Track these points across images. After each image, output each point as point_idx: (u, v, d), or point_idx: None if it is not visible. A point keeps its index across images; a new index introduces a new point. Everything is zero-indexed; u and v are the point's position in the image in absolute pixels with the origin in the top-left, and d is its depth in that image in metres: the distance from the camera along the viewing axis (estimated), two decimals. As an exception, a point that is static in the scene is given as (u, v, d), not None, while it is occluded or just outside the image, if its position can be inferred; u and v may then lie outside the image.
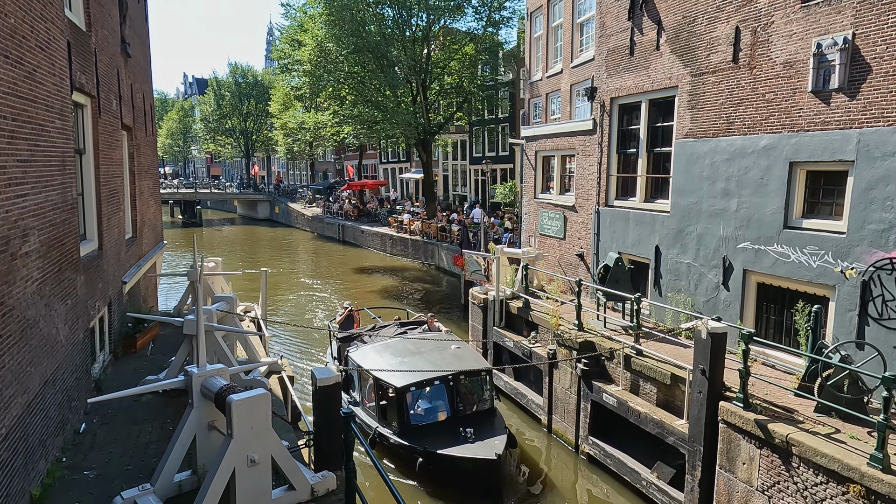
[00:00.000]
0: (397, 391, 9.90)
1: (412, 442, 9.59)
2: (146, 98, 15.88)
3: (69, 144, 7.74)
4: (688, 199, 10.83)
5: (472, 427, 9.71)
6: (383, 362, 10.58)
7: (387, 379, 10.04)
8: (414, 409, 10.13)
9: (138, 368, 9.93)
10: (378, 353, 11.10)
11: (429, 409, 10.26)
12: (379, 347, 11.39)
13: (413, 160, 43.50)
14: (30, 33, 6.18)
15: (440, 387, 10.21)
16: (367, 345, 11.70)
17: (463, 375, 10.35)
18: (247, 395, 5.59)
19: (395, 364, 10.38)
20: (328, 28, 27.66)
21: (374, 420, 10.49)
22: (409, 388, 9.92)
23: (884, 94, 7.65)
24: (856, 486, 6.21)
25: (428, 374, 10.06)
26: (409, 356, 10.73)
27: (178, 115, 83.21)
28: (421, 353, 10.87)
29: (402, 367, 10.21)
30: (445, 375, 10.16)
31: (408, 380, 9.87)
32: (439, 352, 11.03)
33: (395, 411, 10.06)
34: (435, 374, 10.10)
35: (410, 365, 10.30)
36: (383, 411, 10.38)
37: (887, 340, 7.71)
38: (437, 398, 10.29)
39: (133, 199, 13.23)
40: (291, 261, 34.04)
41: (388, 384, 10.00)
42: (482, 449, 9.21)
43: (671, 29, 11.05)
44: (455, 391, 10.23)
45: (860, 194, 8.02)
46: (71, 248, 7.69)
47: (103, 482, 6.43)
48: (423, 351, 11.02)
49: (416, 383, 9.96)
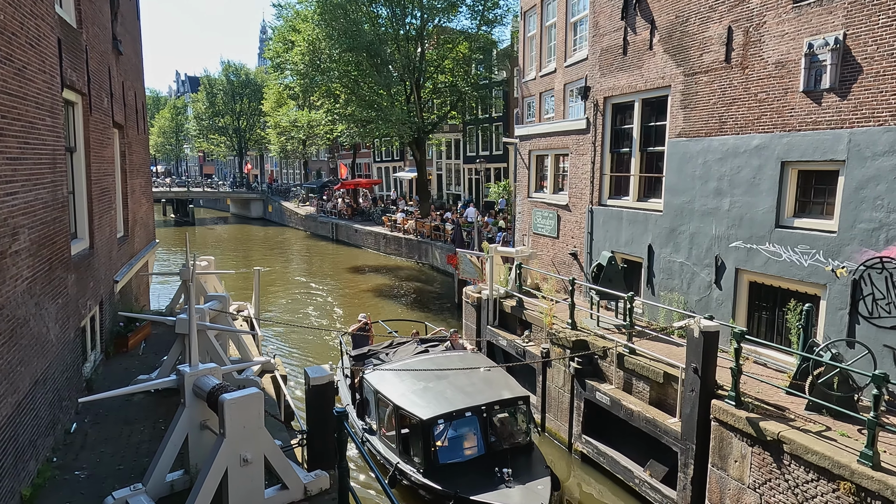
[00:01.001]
0: (423, 424, 8.57)
1: (440, 483, 8.31)
2: (138, 96, 15.78)
3: (60, 142, 7.68)
4: (680, 199, 10.87)
5: (508, 467, 8.43)
6: (404, 387, 9.43)
7: (410, 408, 8.83)
8: (442, 445, 8.72)
9: (130, 368, 9.87)
10: (398, 375, 9.87)
11: (459, 445, 8.85)
12: (398, 369, 10.20)
13: (407, 159, 43.47)
14: (19, 30, 6.12)
15: (472, 419, 8.82)
16: (385, 365, 10.51)
17: (497, 405, 9.03)
18: (239, 394, 5.56)
19: (419, 390, 9.28)
20: (321, 27, 27.58)
21: (394, 454, 9.18)
22: (436, 420, 8.62)
23: (874, 95, 7.70)
24: (846, 483, 6.26)
25: (458, 402, 8.86)
26: (433, 380, 9.53)
27: (171, 113, 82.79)
28: (447, 377, 9.64)
29: (427, 393, 9.14)
30: (478, 406, 8.85)
31: (435, 410, 8.67)
32: (468, 375, 9.77)
33: (419, 446, 8.72)
34: (466, 405, 8.83)
35: (436, 391, 9.18)
36: (405, 444, 9.05)
37: (877, 339, 7.77)
38: (469, 432, 8.88)
39: (125, 198, 13.15)
40: (285, 260, 33.94)
41: (412, 415, 8.74)
42: (525, 496, 7.98)
43: (664, 29, 11.09)
44: (488, 424, 8.89)
45: (851, 194, 8.07)
46: (62, 246, 7.64)
47: (94, 482, 6.39)
48: (450, 374, 9.78)
49: (445, 415, 8.66)
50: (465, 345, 11.75)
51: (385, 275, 27.49)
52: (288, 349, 17.43)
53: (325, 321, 20.25)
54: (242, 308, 13.88)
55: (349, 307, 22.20)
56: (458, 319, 17.66)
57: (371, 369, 10.39)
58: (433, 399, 8.93)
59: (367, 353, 11.48)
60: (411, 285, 25.24)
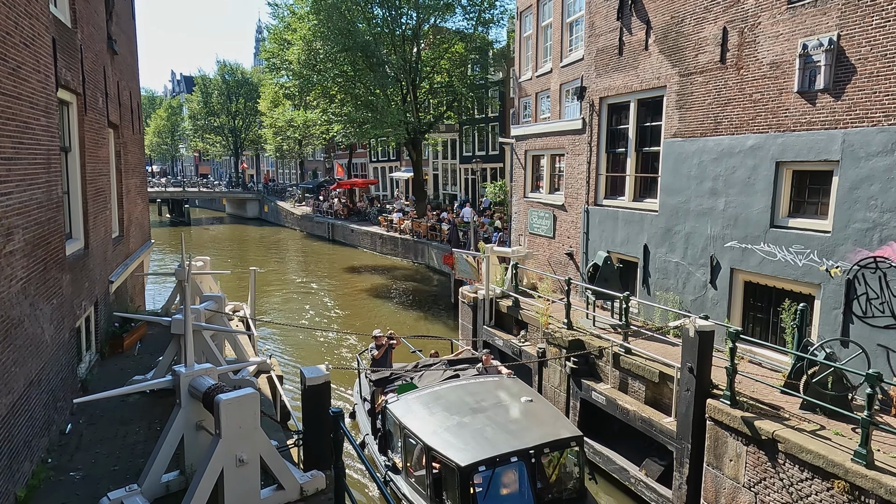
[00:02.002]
0: (460, 471, 7.17)
1: None
2: (133, 95, 15.74)
3: (54, 142, 7.66)
4: (676, 199, 10.90)
5: None
6: (436, 423, 8.07)
7: (445, 451, 7.41)
8: (483, 494, 7.33)
9: (125, 368, 9.84)
10: (427, 406, 8.52)
11: (502, 494, 7.53)
12: (427, 399, 8.77)
13: (403, 159, 43.46)
14: (14, 29, 6.10)
15: (518, 464, 7.42)
16: (412, 393, 9.10)
17: (547, 447, 7.59)
18: (235, 394, 5.56)
19: (453, 426, 7.89)
20: (317, 27, 27.55)
21: (424, 500, 7.93)
22: (476, 466, 7.21)
23: (868, 95, 7.74)
24: (840, 482, 6.29)
25: (501, 445, 7.44)
26: (469, 414, 8.17)
27: (166, 112, 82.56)
28: (485, 411, 8.27)
29: (463, 431, 7.76)
30: (526, 449, 7.39)
31: (475, 454, 7.26)
32: (507, 408, 8.41)
33: (455, 495, 7.34)
34: (512, 448, 7.39)
35: (473, 429, 7.81)
36: (437, 490, 7.73)
37: (871, 338, 7.81)
38: (514, 479, 7.58)
39: (120, 198, 13.11)
40: (281, 260, 33.89)
41: (448, 459, 7.34)
42: None
43: (659, 29, 11.12)
44: (536, 469, 7.52)
45: (845, 194, 8.11)
46: (56, 246, 7.61)
47: (90, 483, 6.37)
48: (487, 406, 8.41)
49: (487, 460, 7.25)
50: (501, 368, 10.18)
51: (381, 275, 27.47)
52: (284, 349, 17.41)
53: (321, 321, 20.22)
54: (238, 308, 13.85)
55: (345, 307, 22.19)
56: (454, 319, 17.67)
57: (395, 398, 9.02)
58: (471, 439, 7.55)
59: (388, 376, 10.08)
60: (408, 285, 25.24)
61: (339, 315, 21.18)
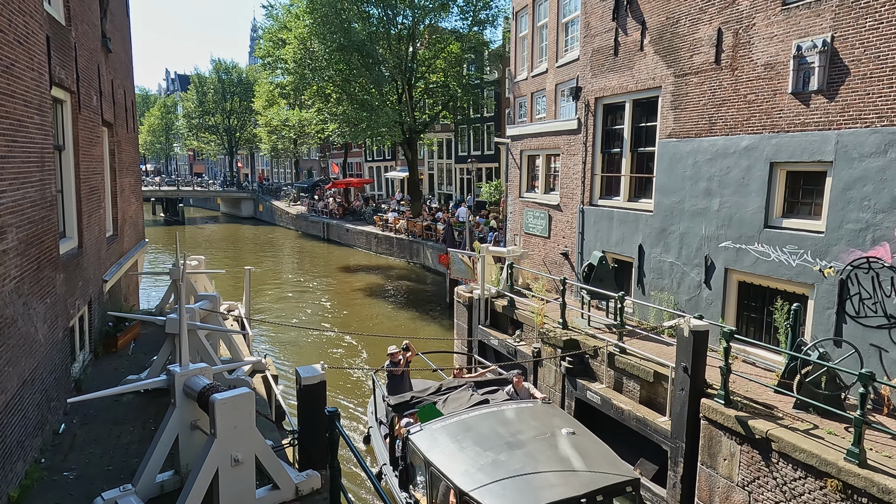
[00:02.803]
0: None
1: None
2: (127, 94, 15.67)
3: (48, 140, 7.62)
4: (671, 199, 10.94)
5: None
6: (467, 459, 6.99)
7: (482, 499, 6.31)
8: None
9: (119, 368, 9.80)
10: (455, 439, 7.45)
11: None
12: (454, 429, 7.67)
13: (398, 158, 43.44)
14: (7, 27, 6.07)
15: None
16: (437, 422, 7.98)
17: (601, 495, 6.47)
18: (230, 394, 5.54)
19: (487, 465, 6.81)
20: (312, 26, 27.50)
21: None
22: None
23: (861, 97, 7.79)
24: (833, 481, 6.33)
25: (546, 492, 6.38)
26: (505, 450, 7.09)
27: (161, 111, 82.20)
28: (522, 446, 7.20)
29: (499, 470, 6.69)
30: (576, 497, 6.31)
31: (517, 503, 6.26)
32: (548, 444, 7.30)
33: None
34: (560, 496, 6.31)
35: (511, 468, 6.73)
36: None
37: (864, 338, 7.86)
38: None
39: (114, 197, 13.06)
40: (276, 259, 33.82)
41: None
42: None
43: (655, 30, 11.15)
44: None
45: (838, 194, 8.16)
46: (50, 245, 7.57)
47: (83, 483, 6.34)
48: (525, 440, 7.33)
49: None
50: (535, 393, 9.25)
51: (376, 274, 27.46)
52: (279, 349, 17.37)
53: (317, 321, 20.19)
54: (233, 308, 13.81)
55: (341, 307, 22.16)
56: (449, 319, 17.66)
57: (419, 427, 7.96)
58: (511, 485, 6.49)
59: (409, 400, 9.01)
60: (403, 285, 25.23)
61: (334, 315, 21.15)
